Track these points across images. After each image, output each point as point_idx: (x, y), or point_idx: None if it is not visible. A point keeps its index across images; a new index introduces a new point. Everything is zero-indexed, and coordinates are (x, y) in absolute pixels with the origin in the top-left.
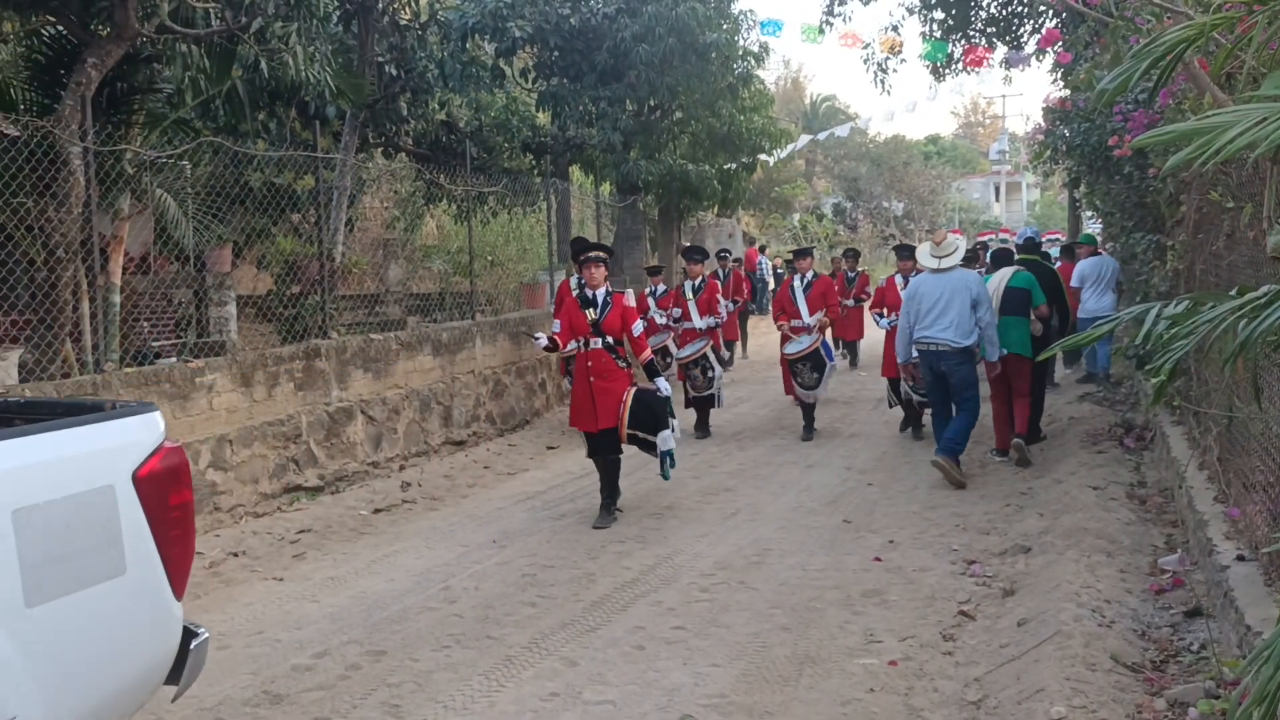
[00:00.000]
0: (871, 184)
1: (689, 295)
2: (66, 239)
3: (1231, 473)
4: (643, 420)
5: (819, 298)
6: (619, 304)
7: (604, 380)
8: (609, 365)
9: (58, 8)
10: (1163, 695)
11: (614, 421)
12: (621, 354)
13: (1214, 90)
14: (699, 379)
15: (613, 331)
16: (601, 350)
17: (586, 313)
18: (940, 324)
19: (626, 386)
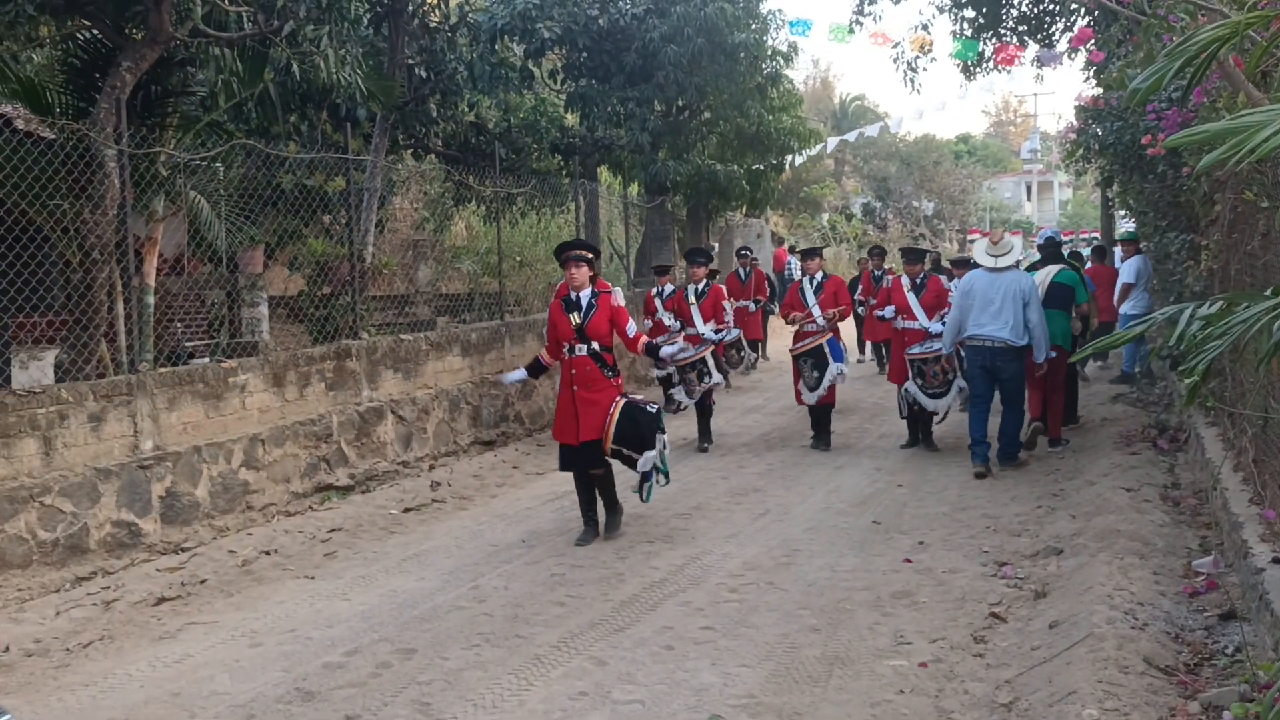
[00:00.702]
0: (901, 184)
1: (691, 300)
2: (101, 240)
3: (1267, 474)
4: (628, 436)
5: (830, 298)
6: (605, 305)
7: (589, 390)
8: (594, 374)
9: (93, 12)
10: (1196, 698)
11: (597, 434)
12: (610, 362)
13: (1249, 89)
14: (694, 384)
15: (599, 336)
16: (586, 357)
17: (570, 316)
18: (996, 323)
19: (614, 397)
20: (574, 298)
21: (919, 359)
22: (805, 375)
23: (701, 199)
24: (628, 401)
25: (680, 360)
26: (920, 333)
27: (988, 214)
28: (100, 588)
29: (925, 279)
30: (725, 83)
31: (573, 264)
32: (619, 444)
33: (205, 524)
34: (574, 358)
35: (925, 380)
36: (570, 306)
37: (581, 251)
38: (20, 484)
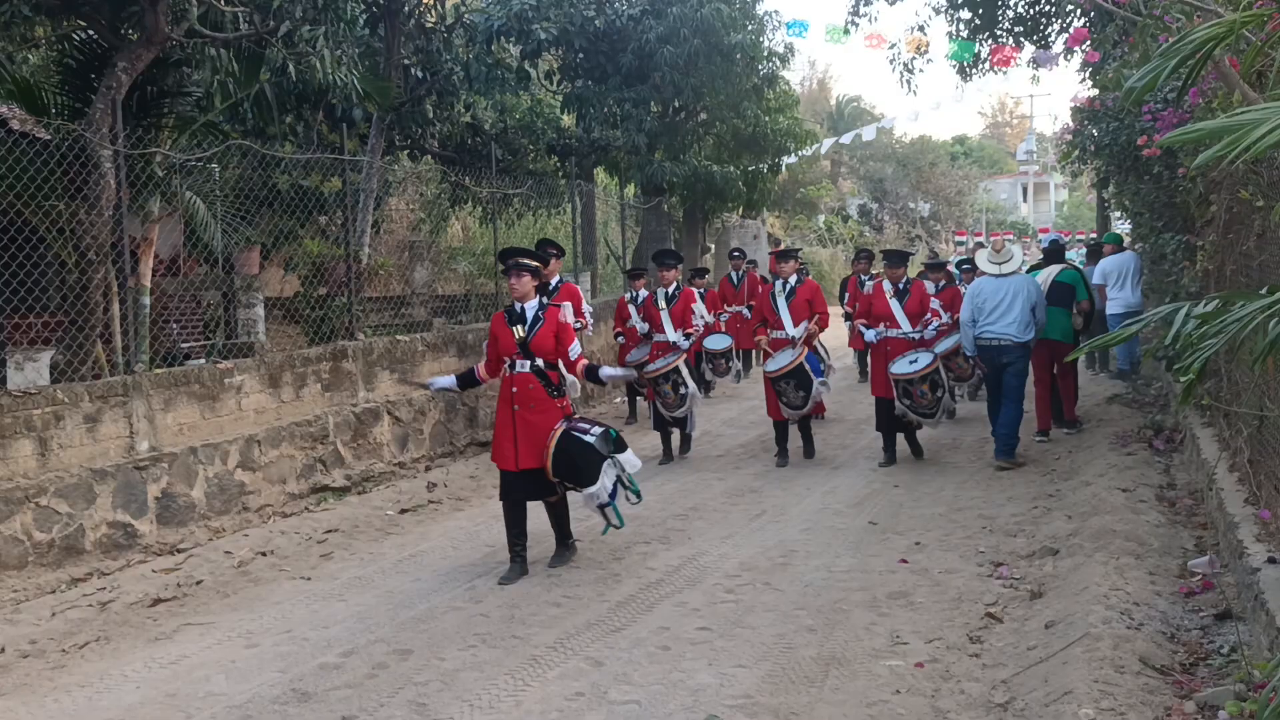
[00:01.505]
0: (897, 185)
1: (661, 304)
2: (97, 241)
3: (1262, 474)
4: (564, 469)
5: (804, 305)
6: (553, 320)
7: (530, 411)
8: (537, 393)
9: (89, 13)
10: (1192, 698)
11: (538, 460)
12: (555, 380)
13: (1244, 88)
14: (669, 396)
15: (544, 352)
16: (529, 374)
17: (513, 329)
18: (1004, 321)
19: (555, 421)
20: (518, 309)
21: (904, 379)
22: (789, 396)
23: (698, 200)
24: (566, 429)
25: (652, 372)
26: (904, 342)
27: (984, 215)
28: (96, 589)
29: (909, 284)
30: (722, 84)
31: (514, 274)
32: (559, 477)
33: (201, 525)
34: (515, 374)
35: (913, 400)
36: (514, 318)
37: (524, 260)
38: (16, 485)
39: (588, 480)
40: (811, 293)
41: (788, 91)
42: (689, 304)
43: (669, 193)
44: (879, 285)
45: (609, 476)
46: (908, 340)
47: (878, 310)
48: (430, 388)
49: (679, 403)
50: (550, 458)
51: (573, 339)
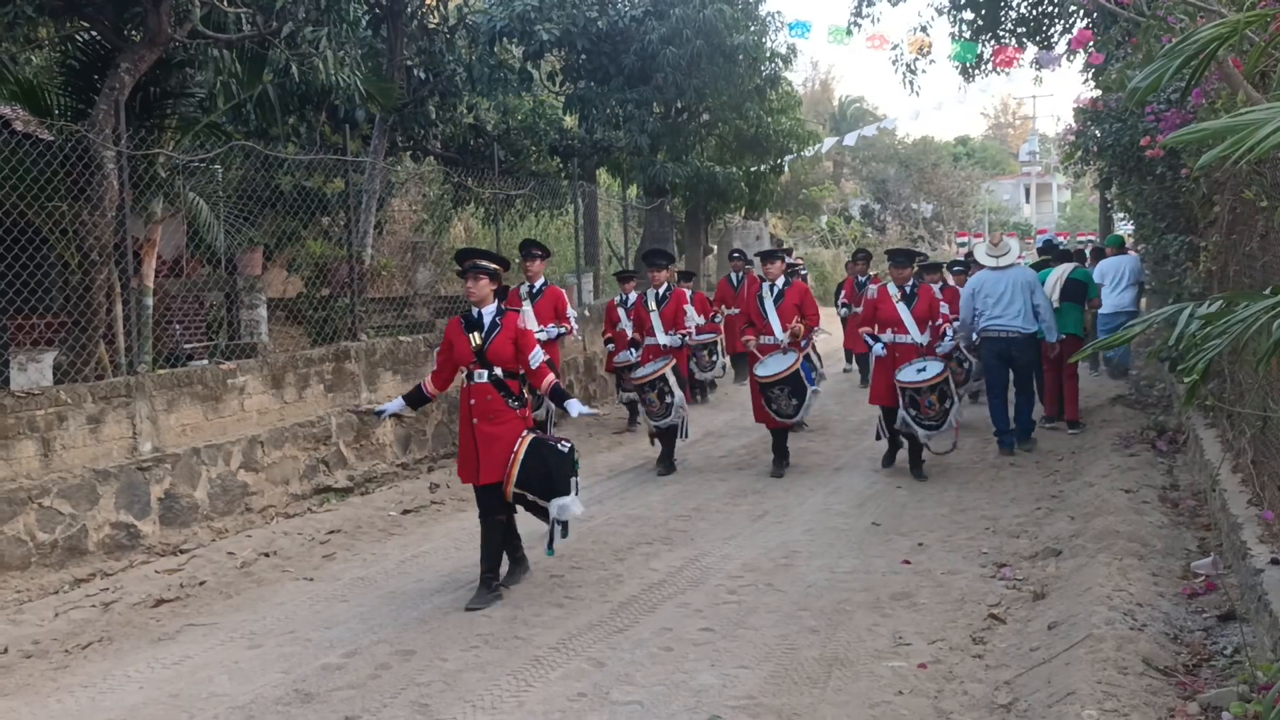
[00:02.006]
0: (900, 185)
1: (652, 306)
2: (100, 242)
3: (1266, 475)
4: (534, 478)
5: (792, 308)
6: (511, 326)
7: (490, 423)
8: (497, 405)
9: (92, 13)
10: (1195, 699)
11: (499, 475)
12: (515, 390)
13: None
14: (655, 404)
15: (502, 360)
16: (488, 385)
17: (470, 336)
18: (1008, 314)
19: (519, 432)
20: (475, 314)
21: (911, 388)
22: (780, 404)
23: (700, 201)
24: (536, 438)
25: (639, 379)
26: (912, 348)
27: (986, 216)
28: (99, 589)
29: (916, 286)
30: (724, 85)
31: (470, 276)
32: (523, 488)
33: (204, 526)
34: (473, 385)
35: (919, 410)
36: (471, 325)
37: (481, 262)
38: (19, 486)
39: (559, 490)
40: (801, 295)
41: (790, 92)
42: (680, 305)
43: (671, 194)
44: (884, 289)
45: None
46: (917, 348)
47: (884, 315)
48: (381, 415)
49: (664, 412)
50: (517, 467)
51: (534, 346)
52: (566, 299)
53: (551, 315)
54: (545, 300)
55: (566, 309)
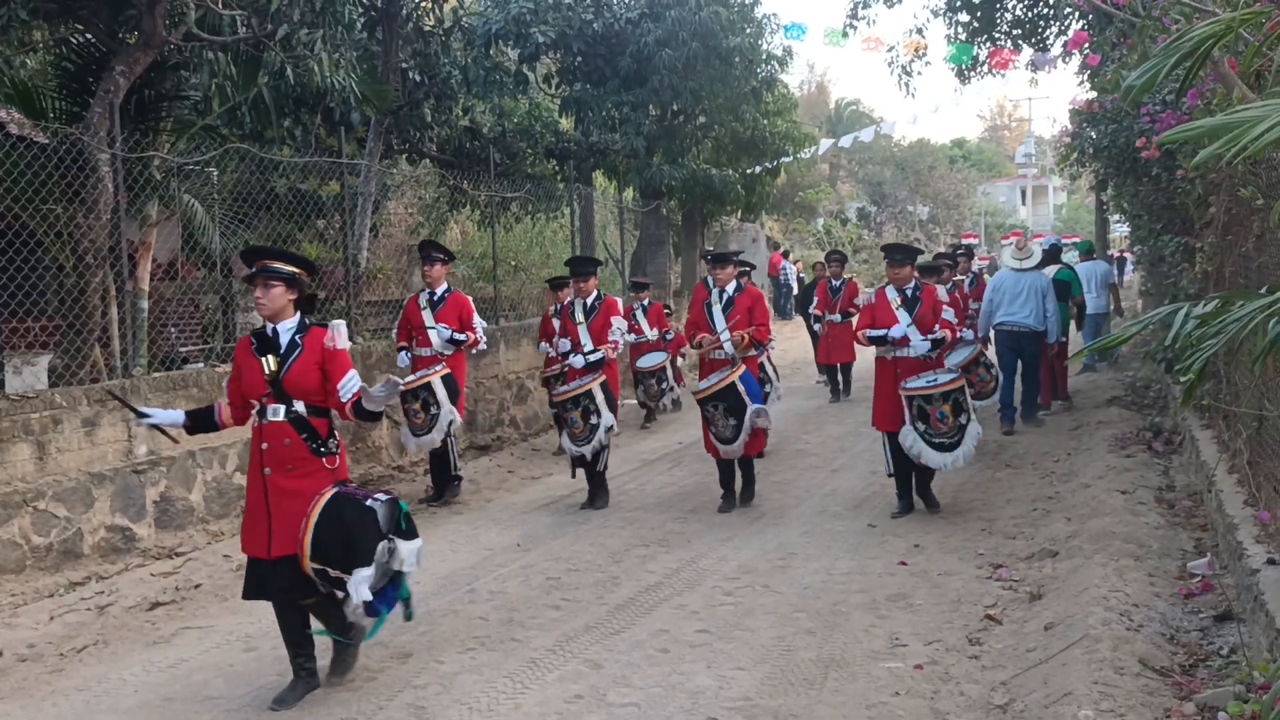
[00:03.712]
0: (896, 188)
1: (579, 318)
2: (95, 245)
3: (1261, 476)
4: (331, 546)
5: (744, 319)
6: (316, 346)
7: (286, 476)
8: (296, 451)
9: (86, 16)
10: (1192, 699)
11: (295, 546)
12: (323, 432)
13: (1242, 88)
14: (578, 425)
15: (304, 393)
16: (285, 425)
17: (262, 361)
18: (1022, 312)
19: (321, 487)
20: (270, 332)
21: (920, 394)
22: (717, 425)
23: (696, 203)
24: (338, 493)
25: (561, 394)
26: (917, 363)
27: (982, 218)
28: (94, 592)
29: (918, 289)
30: (720, 87)
31: (261, 284)
32: (320, 560)
33: (199, 529)
34: (265, 425)
35: (929, 424)
36: (264, 346)
37: (275, 264)
38: (14, 489)
39: (360, 560)
40: (753, 301)
41: (786, 94)
42: (609, 316)
43: (668, 196)
44: (881, 292)
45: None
46: (922, 361)
47: (881, 323)
48: (144, 420)
49: (587, 434)
50: (311, 531)
51: (346, 371)
52: (473, 307)
53: (456, 326)
54: (448, 309)
55: (473, 318)
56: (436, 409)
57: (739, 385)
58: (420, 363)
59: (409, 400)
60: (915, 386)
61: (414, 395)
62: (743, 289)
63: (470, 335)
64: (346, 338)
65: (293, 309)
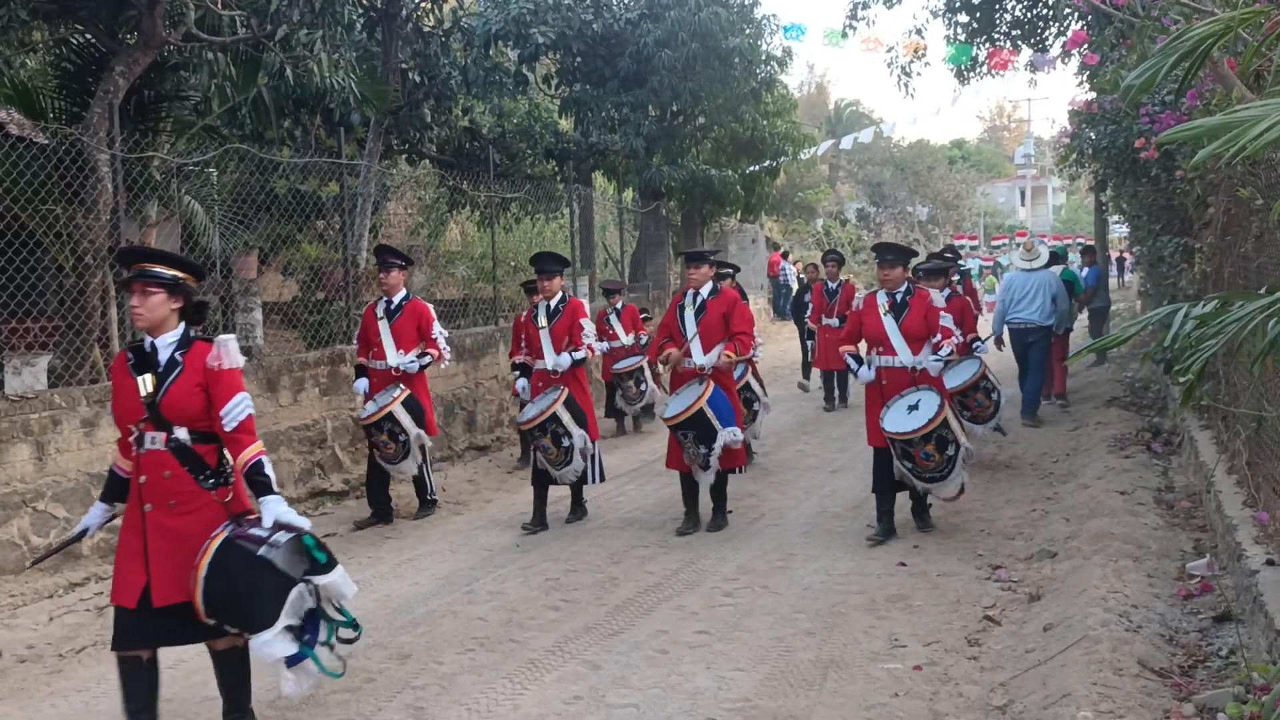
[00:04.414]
0: (896, 189)
1: (542, 322)
2: (95, 245)
3: (1260, 477)
4: (222, 600)
5: (719, 323)
6: (198, 364)
7: (169, 513)
8: (180, 485)
9: (86, 16)
10: (1191, 700)
11: (184, 592)
12: (212, 462)
13: (1241, 88)
14: (552, 451)
15: (186, 418)
16: (165, 454)
17: (139, 381)
18: (1030, 309)
19: (210, 528)
20: (149, 347)
21: (900, 439)
22: (690, 451)
23: (696, 204)
24: (226, 541)
25: (524, 423)
26: (903, 375)
27: (982, 219)
28: (93, 593)
29: (909, 293)
30: (719, 88)
31: (138, 290)
32: (214, 615)
33: None
34: (144, 454)
35: (915, 463)
36: (143, 363)
37: (155, 268)
38: (13, 489)
39: (260, 622)
40: (729, 306)
41: (786, 95)
42: (576, 319)
43: (667, 197)
44: (871, 298)
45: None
46: (908, 373)
47: (870, 331)
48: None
49: (564, 459)
50: (200, 585)
51: (234, 394)
52: (433, 315)
53: (415, 338)
54: (406, 318)
55: (433, 329)
56: (405, 436)
57: (707, 412)
58: (377, 379)
59: (375, 432)
60: (894, 430)
61: (378, 427)
62: (718, 292)
63: (433, 353)
64: (237, 355)
65: (176, 320)
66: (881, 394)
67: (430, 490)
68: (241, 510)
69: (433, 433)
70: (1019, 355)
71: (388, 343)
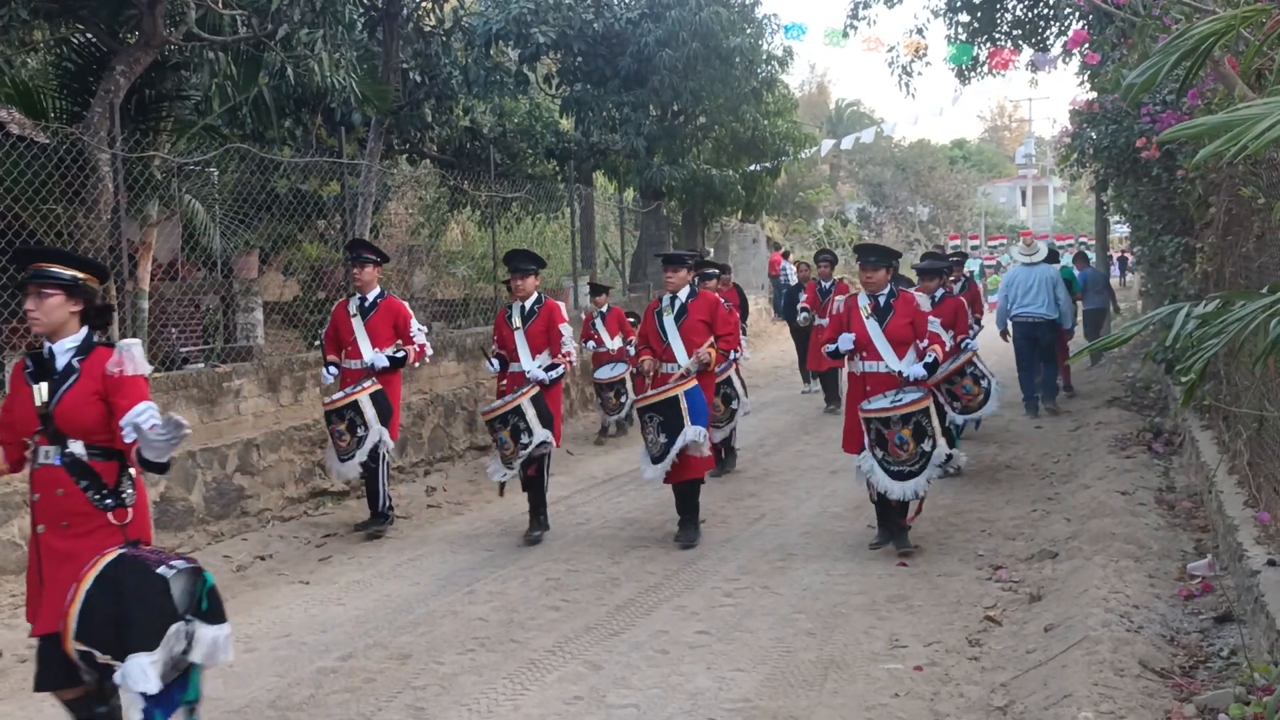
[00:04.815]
0: (896, 189)
1: (516, 323)
2: (95, 245)
3: (1262, 477)
4: (102, 624)
5: (701, 329)
6: (96, 372)
7: (62, 536)
8: (74, 504)
9: (87, 16)
10: (1192, 701)
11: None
12: (109, 480)
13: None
14: (508, 446)
15: (81, 430)
16: (58, 470)
17: (34, 390)
18: (1035, 303)
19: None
20: (47, 351)
21: (878, 417)
22: (650, 437)
23: (697, 204)
24: (123, 555)
25: (487, 414)
26: (888, 380)
27: (983, 219)
28: None
29: (893, 296)
30: (720, 87)
31: (33, 292)
32: (85, 640)
33: (200, 529)
34: (38, 469)
35: (887, 450)
36: (40, 370)
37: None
38: (13, 489)
39: (138, 644)
40: (710, 309)
41: (786, 95)
42: (554, 322)
43: (668, 197)
44: (853, 300)
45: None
46: (894, 378)
47: (855, 335)
48: None
49: (515, 456)
50: (80, 601)
51: (138, 401)
52: (410, 313)
53: (390, 336)
54: (381, 316)
55: (410, 326)
56: (365, 430)
57: (682, 401)
58: (350, 378)
59: (334, 421)
60: (874, 408)
61: (339, 415)
62: (697, 294)
63: (411, 350)
64: (142, 361)
65: (77, 324)
66: (864, 399)
67: (385, 502)
68: (140, 536)
69: (393, 436)
70: (1024, 350)
71: (363, 340)
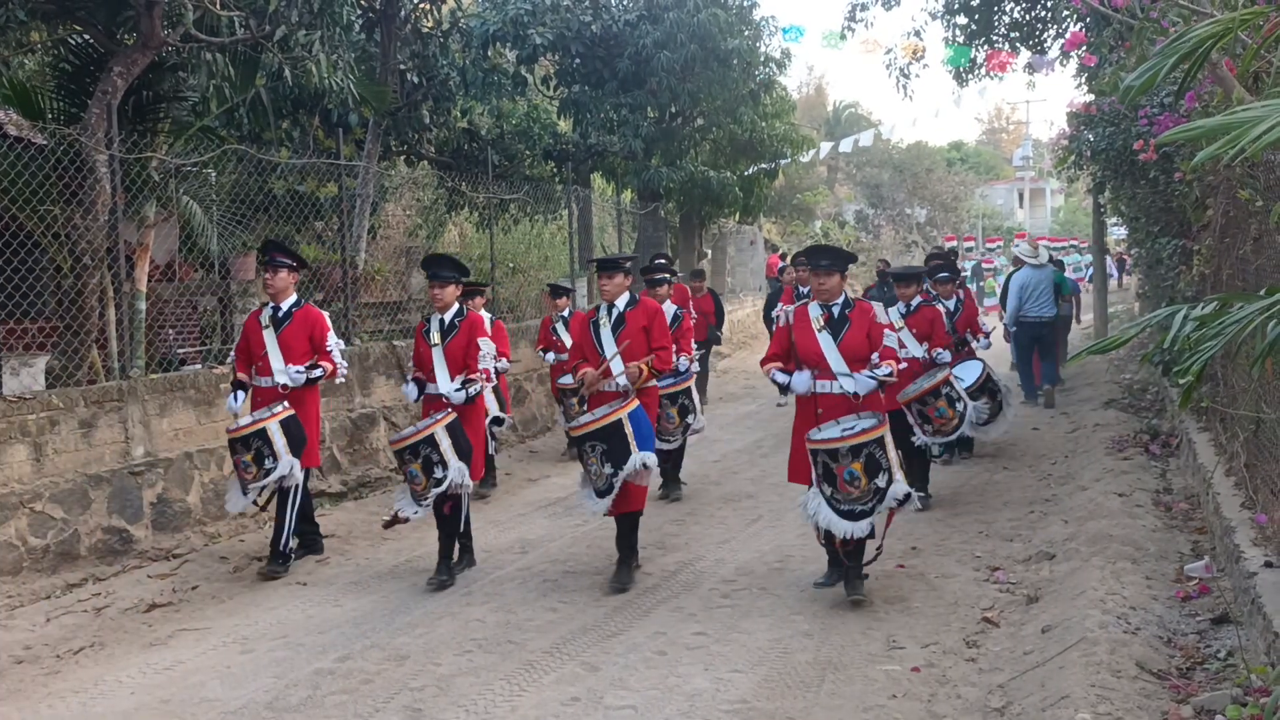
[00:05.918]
0: (894, 190)
1: (434, 338)
2: (93, 246)
3: (1259, 478)
4: None
5: (640, 339)
6: None
7: None
8: None
9: (84, 17)
10: (1189, 702)
11: None
12: None
13: (1240, 90)
14: (418, 480)
15: None
16: None
17: None
18: (1040, 303)
19: None
20: None
21: (823, 449)
22: (591, 470)
23: (694, 206)
24: None
25: (395, 442)
26: (840, 401)
27: (980, 221)
28: (91, 594)
29: (848, 306)
30: (718, 89)
31: None
32: None
33: (197, 530)
34: None
35: (835, 488)
36: None
37: None
38: (11, 490)
39: None
40: (649, 318)
41: (784, 97)
42: (474, 337)
43: (665, 198)
44: (802, 310)
45: None
46: (848, 401)
47: (802, 350)
48: None
49: (428, 490)
50: None
51: None
52: (328, 325)
53: (306, 351)
54: (295, 327)
55: (326, 339)
56: (273, 462)
57: (626, 425)
58: (260, 397)
59: (239, 450)
60: (821, 438)
61: (244, 444)
62: (637, 303)
63: (327, 366)
64: None
65: None
66: (814, 422)
67: (285, 541)
68: None
69: (313, 463)
70: (1025, 346)
71: (274, 355)
